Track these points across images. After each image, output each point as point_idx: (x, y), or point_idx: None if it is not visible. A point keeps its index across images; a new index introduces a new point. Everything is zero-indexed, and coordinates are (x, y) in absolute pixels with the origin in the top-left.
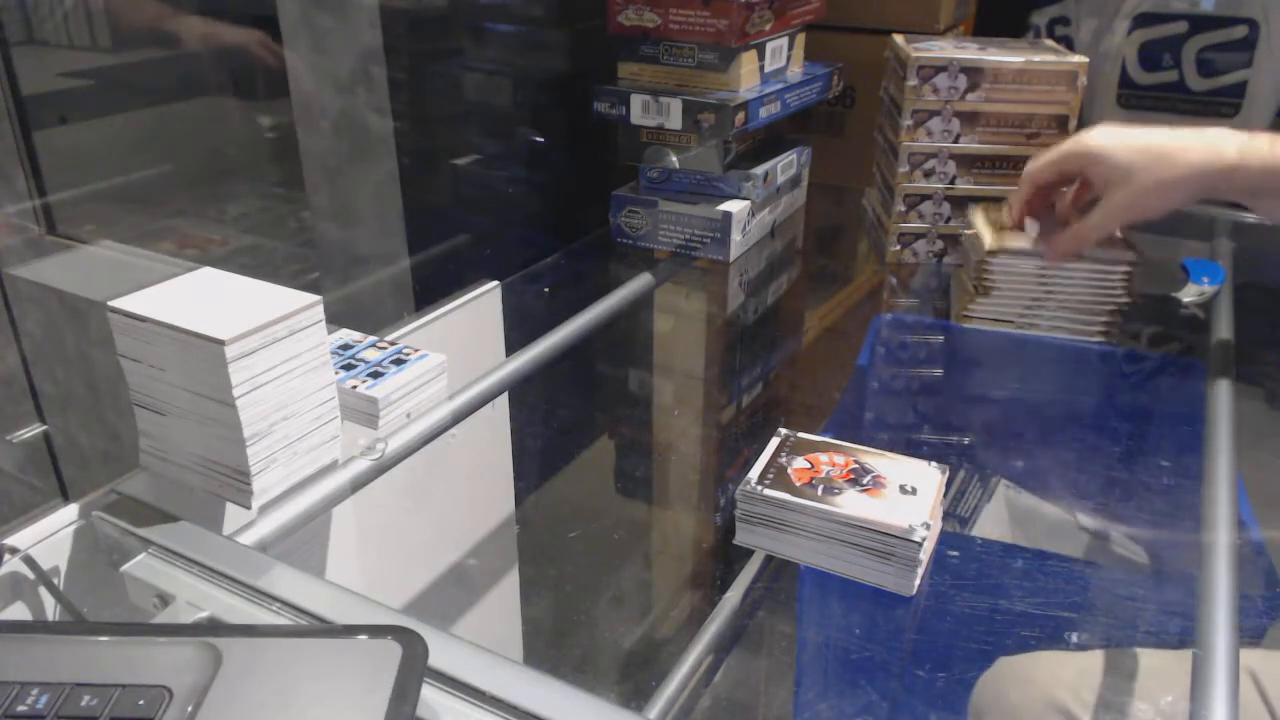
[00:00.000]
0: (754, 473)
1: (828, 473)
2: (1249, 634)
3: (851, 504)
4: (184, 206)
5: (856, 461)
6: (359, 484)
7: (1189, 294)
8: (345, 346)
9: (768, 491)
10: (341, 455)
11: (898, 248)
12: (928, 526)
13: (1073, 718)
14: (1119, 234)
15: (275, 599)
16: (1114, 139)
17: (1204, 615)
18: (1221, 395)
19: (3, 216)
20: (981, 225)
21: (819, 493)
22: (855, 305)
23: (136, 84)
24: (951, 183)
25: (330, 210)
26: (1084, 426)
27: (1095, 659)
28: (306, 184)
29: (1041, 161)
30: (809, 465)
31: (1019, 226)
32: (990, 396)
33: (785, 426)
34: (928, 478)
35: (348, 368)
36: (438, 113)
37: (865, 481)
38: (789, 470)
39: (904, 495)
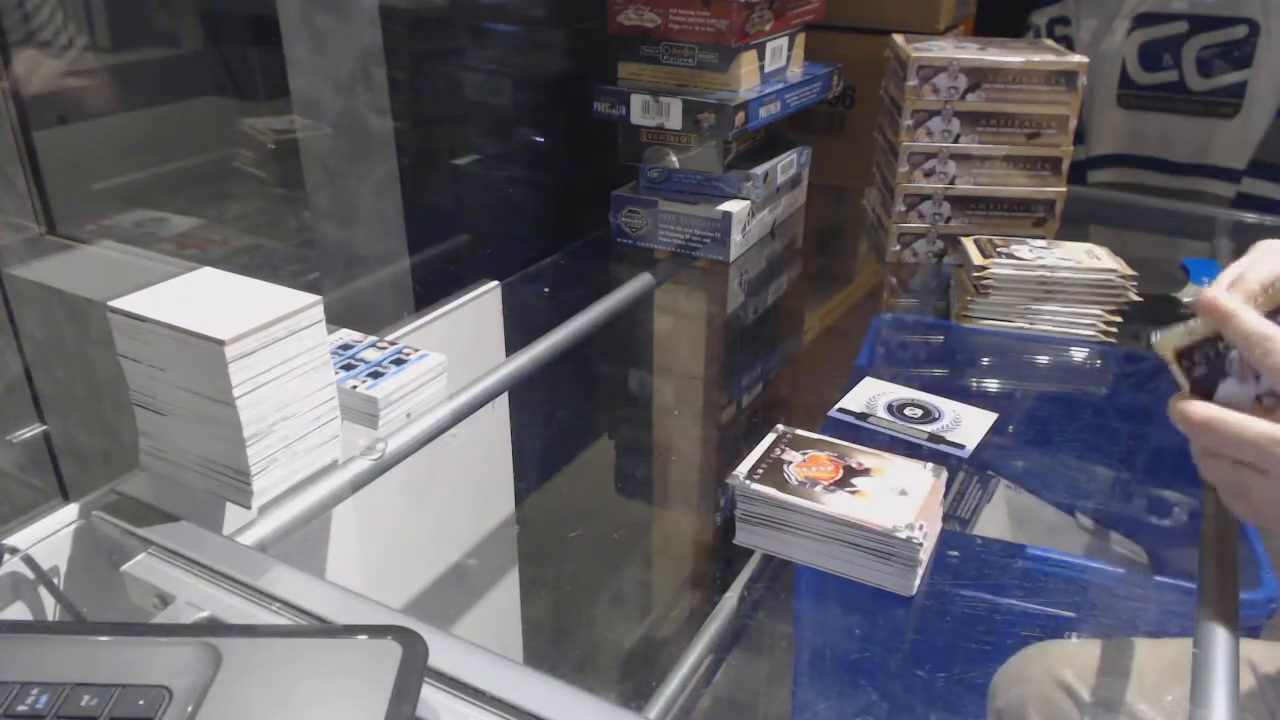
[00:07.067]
0: (744, 467)
1: (822, 470)
2: (1247, 633)
3: (843, 503)
4: (184, 206)
5: (853, 461)
6: (359, 484)
7: (1189, 294)
8: (345, 346)
9: (756, 486)
10: (341, 455)
11: (898, 248)
12: (913, 527)
13: (1079, 699)
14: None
15: (275, 599)
16: None
17: (1203, 612)
18: None
19: (3, 216)
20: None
21: (811, 490)
22: (855, 305)
23: (136, 83)
24: (951, 183)
25: (330, 210)
26: (1084, 426)
27: (1103, 647)
28: (306, 184)
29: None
30: (804, 462)
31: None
32: (990, 396)
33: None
34: (923, 479)
35: (348, 368)
36: (438, 113)
37: (859, 481)
38: (782, 466)
39: (896, 496)
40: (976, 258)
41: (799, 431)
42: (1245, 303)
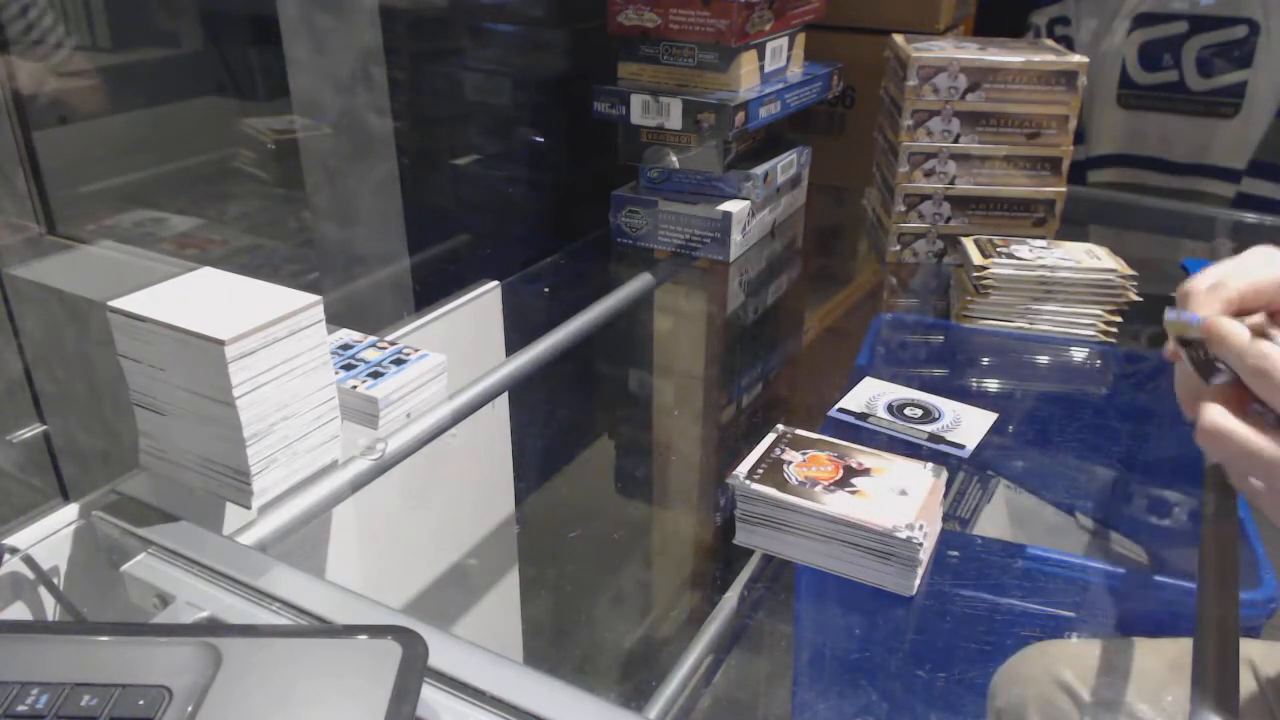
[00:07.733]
0: (744, 466)
1: (822, 470)
2: (1247, 633)
3: (843, 503)
4: (184, 206)
5: (853, 461)
6: (359, 484)
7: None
8: (345, 346)
9: (755, 486)
10: (341, 455)
11: (898, 248)
12: (913, 527)
13: (1079, 699)
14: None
15: (275, 599)
16: None
17: (1203, 612)
18: None
19: (3, 216)
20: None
21: (811, 490)
22: (855, 305)
23: (136, 83)
24: (951, 183)
25: (330, 210)
26: (1084, 426)
27: (1103, 647)
28: (306, 184)
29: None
30: (804, 462)
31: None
32: (990, 396)
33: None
34: (923, 479)
35: (348, 368)
36: (438, 113)
37: (859, 481)
38: (782, 466)
39: (896, 496)
40: (976, 258)
41: (799, 431)
42: (1225, 310)
